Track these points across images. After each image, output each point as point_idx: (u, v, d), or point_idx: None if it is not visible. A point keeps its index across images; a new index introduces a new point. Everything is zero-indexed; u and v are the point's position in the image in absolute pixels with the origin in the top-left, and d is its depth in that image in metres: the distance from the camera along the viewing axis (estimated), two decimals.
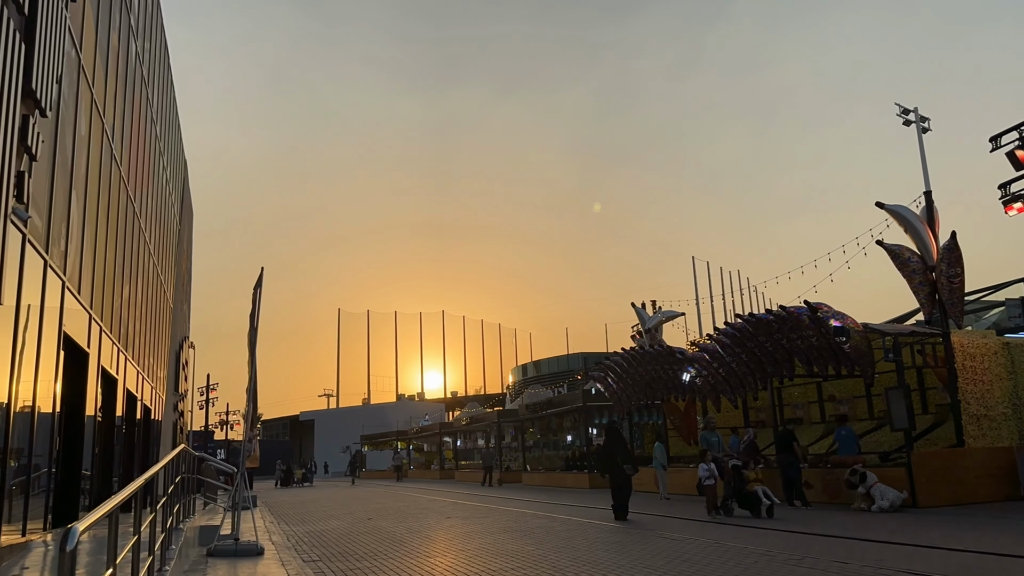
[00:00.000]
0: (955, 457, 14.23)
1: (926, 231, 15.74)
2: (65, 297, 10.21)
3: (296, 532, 13.97)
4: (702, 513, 13.82)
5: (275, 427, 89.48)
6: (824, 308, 15.20)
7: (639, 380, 22.13)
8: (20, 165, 7.54)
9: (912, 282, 15.66)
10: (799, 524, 11.89)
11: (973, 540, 9.37)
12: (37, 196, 8.59)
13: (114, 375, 14.72)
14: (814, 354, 15.62)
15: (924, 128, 17.14)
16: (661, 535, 11.13)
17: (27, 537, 8.38)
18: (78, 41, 10.59)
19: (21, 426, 8.33)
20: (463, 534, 12.49)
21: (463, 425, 40.95)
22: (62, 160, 9.87)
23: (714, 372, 18.58)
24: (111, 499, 3.70)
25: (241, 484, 11.14)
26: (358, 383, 79.88)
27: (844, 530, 10.77)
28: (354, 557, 10.10)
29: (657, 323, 29.68)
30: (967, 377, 14.74)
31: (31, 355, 8.62)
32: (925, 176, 16.52)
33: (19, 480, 8.43)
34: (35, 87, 7.66)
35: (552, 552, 9.67)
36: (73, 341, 10.88)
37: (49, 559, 7.44)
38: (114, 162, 13.98)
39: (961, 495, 13.80)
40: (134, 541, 4.41)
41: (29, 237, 8.30)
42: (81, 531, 2.77)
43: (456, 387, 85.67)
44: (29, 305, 8.47)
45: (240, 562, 9.26)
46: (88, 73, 11.40)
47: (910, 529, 10.78)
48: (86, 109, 11.41)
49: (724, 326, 17.91)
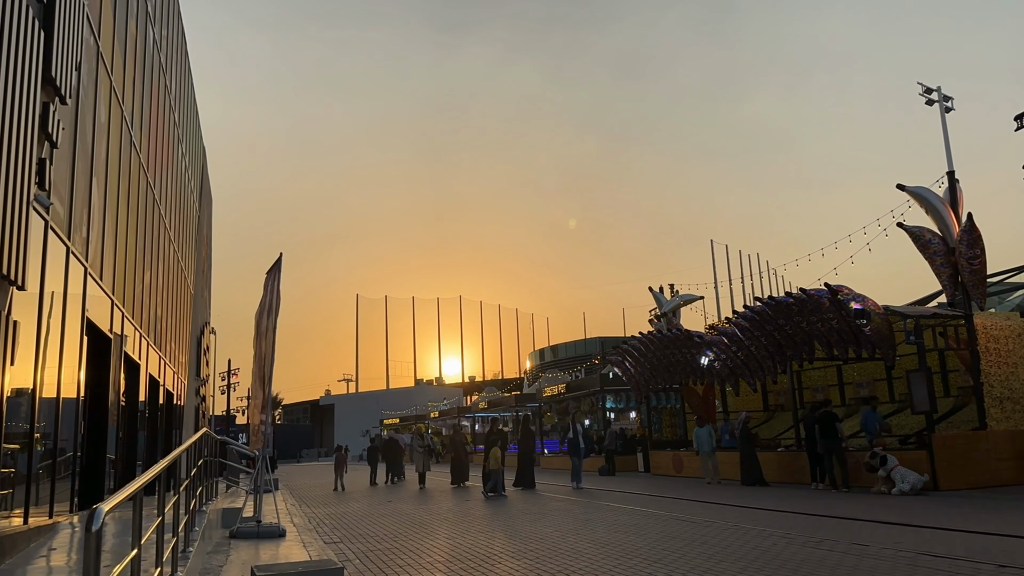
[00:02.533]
0: (977, 440, 14.10)
1: (948, 213, 15.52)
2: (88, 284, 10.32)
3: (317, 514, 14.13)
4: (725, 495, 13.81)
5: (296, 411, 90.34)
6: (845, 290, 15.06)
7: (657, 364, 22.09)
8: (41, 152, 7.61)
9: (934, 264, 15.47)
10: (819, 506, 11.85)
11: (994, 523, 9.30)
12: (58, 183, 8.68)
13: (137, 360, 14.90)
14: (834, 337, 15.50)
15: (947, 108, 16.87)
16: (679, 518, 11.15)
17: (54, 519, 8.54)
18: (96, 28, 10.65)
19: (47, 411, 8.46)
20: (482, 516, 12.57)
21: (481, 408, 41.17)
22: (82, 147, 9.95)
23: (733, 356, 18.50)
24: (135, 481, 3.75)
25: (262, 467, 11.26)
26: (377, 368, 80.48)
27: (864, 512, 10.73)
28: (375, 538, 10.20)
29: (675, 307, 29.53)
30: (990, 359, 14.57)
31: (55, 341, 8.73)
32: (948, 156, 16.27)
33: (46, 464, 8.57)
34: (55, 74, 7.71)
35: (571, 535, 9.72)
36: (96, 327, 11.01)
37: (76, 540, 7.57)
38: (134, 149, 14.08)
39: (983, 478, 13.68)
40: (158, 522, 4.47)
41: (51, 224, 8.39)
42: (106, 512, 2.81)
43: (474, 372, 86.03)
44: (52, 292, 8.58)
45: (262, 543, 9.39)
46: (107, 60, 11.46)
47: (931, 512, 10.72)
48: (105, 96, 11.48)
49: (743, 309, 17.80)
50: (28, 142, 6.96)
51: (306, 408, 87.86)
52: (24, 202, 6.85)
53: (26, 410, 7.66)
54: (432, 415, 48.55)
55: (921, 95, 17.12)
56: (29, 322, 7.70)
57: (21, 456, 7.49)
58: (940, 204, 15.62)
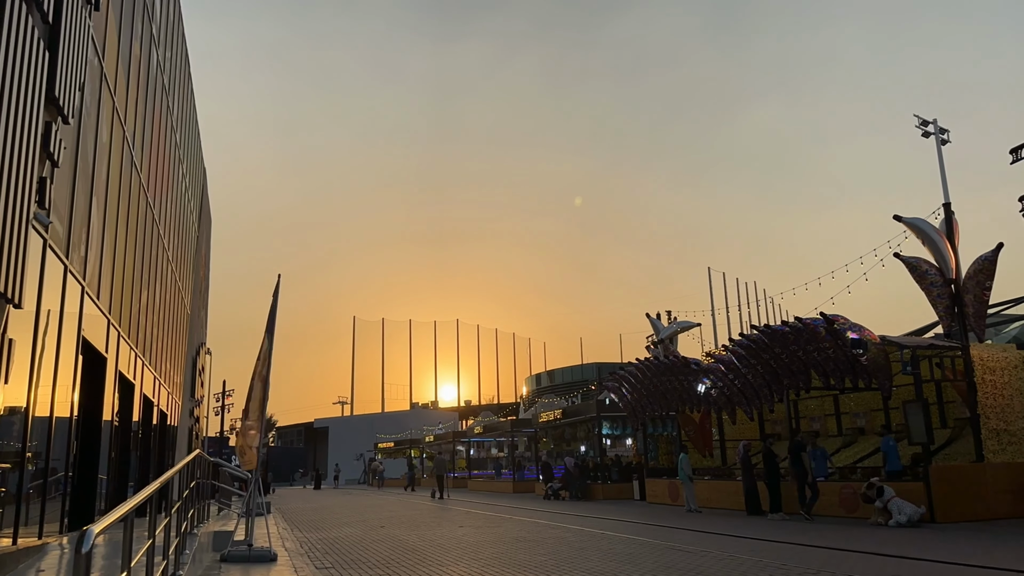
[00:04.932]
0: (974, 472, 14.05)
1: (945, 244, 15.60)
2: (84, 302, 10.31)
3: (309, 539, 13.99)
4: (720, 524, 13.72)
5: (290, 434, 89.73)
6: (841, 320, 15.08)
7: (653, 391, 22.03)
8: (42, 171, 7.64)
9: (931, 295, 15.53)
10: (815, 538, 11.77)
11: (991, 556, 9.24)
12: (58, 202, 8.70)
13: (131, 380, 14.83)
14: (831, 366, 15.50)
15: (943, 140, 17.02)
16: (674, 547, 11.06)
17: (44, 539, 8.45)
18: (101, 49, 10.74)
19: (39, 430, 8.41)
20: (475, 543, 12.45)
21: (476, 433, 40.94)
22: (83, 167, 9.99)
23: (729, 384, 18.47)
24: (126, 503, 3.72)
25: (254, 490, 11.17)
26: (372, 391, 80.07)
27: (860, 544, 10.65)
28: (367, 564, 10.10)
29: (672, 333, 29.56)
30: (986, 391, 14.56)
31: (50, 359, 8.70)
32: (944, 188, 16.39)
33: (36, 483, 8.50)
34: (58, 94, 7.76)
35: (565, 564, 9.63)
36: (91, 346, 10.98)
37: (65, 561, 7.49)
38: (134, 169, 14.13)
39: (980, 511, 13.61)
40: (148, 545, 4.43)
41: (50, 242, 8.40)
42: (96, 534, 2.79)
43: (470, 396, 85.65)
44: (49, 310, 8.57)
45: (253, 568, 9.28)
46: (110, 81, 11.54)
47: (927, 544, 10.65)
48: (108, 116, 11.55)
49: (740, 337, 17.81)
50: (29, 161, 6.99)
51: (300, 431, 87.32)
52: (23, 220, 6.86)
53: (18, 429, 7.61)
54: (427, 439, 48.27)
55: (917, 127, 17.28)
56: (24, 340, 7.68)
57: (12, 475, 7.43)
58: (937, 235, 15.71)
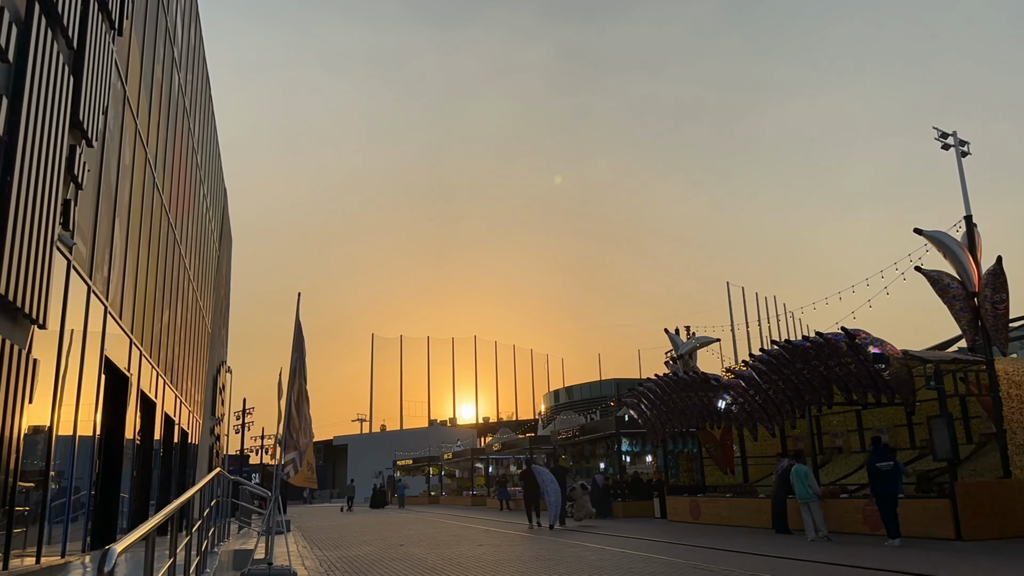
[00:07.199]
0: (1001, 488, 13.80)
1: (967, 257, 15.42)
2: (107, 322, 10.44)
3: (329, 557, 13.99)
4: (741, 543, 13.54)
5: None
6: (863, 335, 14.92)
7: (673, 407, 21.87)
8: (67, 193, 7.78)
9: (953, 308, 15.33)
10: (839, 556, 11.60)
11: (1017, 574, 9.06)
12: (82, 224, 8.84)
13: (153, 399, 14.97)
14: (853, 381, 15.32)
15: (963, 152, 16.87)
16: (697, 566, 10.94)
17: (67, 558, 8.51)
18: (124, 73, 10.93)
19: (63, 449, 8.50)
20: (494, 562, 12.39)
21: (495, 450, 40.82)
22: (106, 189, 10.15)
23: (750, 399, 18.31)
24: (148, 522, 3.75)
25: (274, 508, 11.20)
26: (391, 408, 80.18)
27: (882, 562, 10.49)
28: None
29: (691, 349, 29.36)
30: (1012, 406, 14.33)
31: (73, 379, 8.81)
32: (965, 200, 16.22)
33: (59, 502, 8.58)
34: (82, 118, 7.91)
35: None
36: (114, 365, 11.10)
37: None
38: (156, 191, 14.33)
39: (1008, 528, 13.36)
40: (170, 563, 4.46)
41: (74, 263, 8.53)
42: (119, 553, 2.82)
43: (488, 412, 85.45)
44: (72, 330, 8.68)
45: None
46: (133, 104, 11.75)
47: (953, 563, 10.46)
48: (130, 139, 11.75)
49: (760, 353, 17.66)
50: (54, 184, 7.12)
51: (319, 448, 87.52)
52: (48, 242, 6.98)
53: (42, 448, 7.70)
54: (445, 456, 48.20)
55: (937, 139, 17.15)
56: (48, 360, 7.79)
57: (35, 494, 7.51)
58: (958, 248, 15.53)
